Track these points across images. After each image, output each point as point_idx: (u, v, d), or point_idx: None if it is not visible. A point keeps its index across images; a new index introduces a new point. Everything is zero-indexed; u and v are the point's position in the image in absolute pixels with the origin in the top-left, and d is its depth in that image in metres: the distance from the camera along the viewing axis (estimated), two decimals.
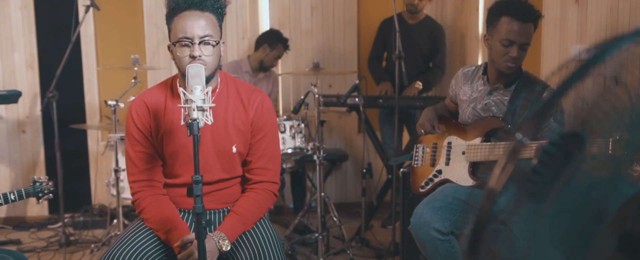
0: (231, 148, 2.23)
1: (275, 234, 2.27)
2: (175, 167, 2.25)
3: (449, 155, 2.78)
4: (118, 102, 3.35)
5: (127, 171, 2.27)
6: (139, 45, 4.82)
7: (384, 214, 4.70)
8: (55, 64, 4.62)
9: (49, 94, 3.99)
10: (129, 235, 2.19)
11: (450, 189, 2.64)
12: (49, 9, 4.72)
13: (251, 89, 2.30)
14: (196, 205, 1.89)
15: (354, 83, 3.92)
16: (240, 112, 2.25)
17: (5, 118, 4.77)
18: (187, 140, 2.21)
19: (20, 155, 4.81)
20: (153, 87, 2.30)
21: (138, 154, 2.22)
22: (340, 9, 4.92)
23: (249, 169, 2.29)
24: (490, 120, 2.66)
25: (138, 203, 2.23)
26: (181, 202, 2.28)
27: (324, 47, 4.93)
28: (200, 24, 2.09)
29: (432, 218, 2.48)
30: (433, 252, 2.51)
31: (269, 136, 2.28)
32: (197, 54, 2.07)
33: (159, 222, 2.18)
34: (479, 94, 2.73)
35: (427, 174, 2.84)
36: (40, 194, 2.57)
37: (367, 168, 4.08)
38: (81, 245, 4.25)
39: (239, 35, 4.86)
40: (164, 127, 2.21)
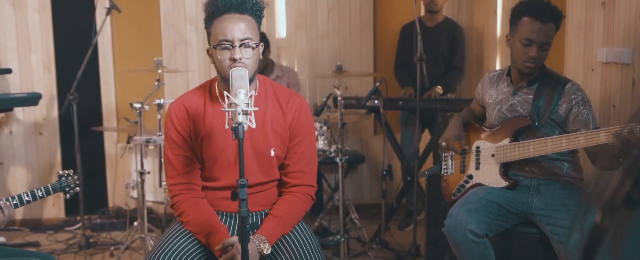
0: (269, 151, 2.24)
1: (314, 238, 2.28)
2: (214, 171, 2.26)
3: (478, 159, 2.79)
4: (143, 105, 3.35)
5: (166, 174, 2.27)
6: (156, 47, 4.82)
7: (400, 216, 4.70)
8: (72, 66, 4.63)
9: (69, 96, 3.99)
10: (169, 238, 2.20)
11: (483, 191, 2.65)
12: (67, 11, 4.72)
13: (290, 92, 2.31)
14: (242, 209, 1.90)
15: (375, 85, 3.93)
16: (278, 115, 2.26)
17: (22, 120, 4.77)
18: (226, 143, 2.22)
19: (37, 157, 4.81)
20: (191, 91, 2.31)
21: (177, 157, 2.23)
22: (356, 12, 4.92)
23: (287, 172, 2.30)
24: (517, 120, 2.67)
25: (177, 206, 2.24)
26: (219, 205, 2.29)
27: (340, 49, 4.94)
28: (240, 27, 2.10)
29: (468, 220, 2.49)
30: (467, 254, 2.52)
31: (307, 140, 2.29)
32: (237, 56, 2.09)
33: (198, 225, 2.19)
34: (504, 95, 2.74)
35: (458, 180, 2.85)
36: (67, 188, 2.56)
37: (387, 170, 4.08)
38: (100, 247, 4.25)
39: None
40: (203, 130, 2.22)
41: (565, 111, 2.57)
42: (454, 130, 2.84)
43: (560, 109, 2.58)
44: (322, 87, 4.94)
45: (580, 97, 2.56)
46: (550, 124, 2.60)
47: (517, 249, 2.65)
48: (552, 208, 2.54)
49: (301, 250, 2.18)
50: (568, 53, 3.38)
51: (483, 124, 2.88)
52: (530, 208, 2.60)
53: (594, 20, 3.12)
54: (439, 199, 3.34)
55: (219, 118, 2.22)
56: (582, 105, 2.55)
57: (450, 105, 4.02)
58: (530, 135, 2.65)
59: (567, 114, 2.57)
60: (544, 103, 2.60)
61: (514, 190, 2.66)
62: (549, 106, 2.58)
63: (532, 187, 2.65)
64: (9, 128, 4.76)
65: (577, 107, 2.55)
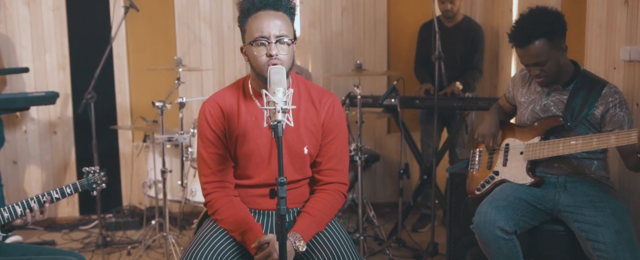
0: (303, 149, 2.24)
1: (348, 235, 2.28)
2: (247, 169, 2.26)
3: (506, 156, 2.79)
4: (165, 104, 3.35)
5: (200, 172, 2.28)
6: (171, 46, 4.82)
7: (414, 218, 4.70)
8: (86, 65, 4.65)
9: (87, 95, 3.99)
10: (205, 237, 2.20)
11: (510, 189, 2.65)
12: (81, 10, 4.72)
13: (322, 91, 2.31)
14: (281, 207, 1.89)
15: (392, 84, 3.93)
16: (311, 113, 2.26)
17: (36, 119, 4.76)
18: (260, 141, 2.22)
19: (52, 157, 4.81)
20: (224, 89, 2.31)
21: (211, 155, 2.23)
22: (370, 10, 4.93)
23: (319, 170, 2.30)
24: (550, 120, 2.67)
25: (211, 204, 2.24)
26: (252, 203, 2.29)
27: (354, 48, 4.95)
28: (276, 24, 2.11)
29: (497, 217, 2.49)
30: (496, 252, 2.52)
31: (340, 138, 2.30)
32: (274, 52, 2.09)
33: (233, 223, 2.19)
34: (537, 95, 2.75)
35: (484, 176, 2.86)
36: (94, 185, 2.55)
37: (404, 169, 4.09)
38: (117, 246, 4.25)
39: None
40: (238, 128, 2.22)
41: (601, 113, 2.58)
42: (491, 127, 2.85)
43: (596, 110, 2.58)
44: (337, 85, 4.94)
45: (618, 99, 2.56)
46: (584, 124, 2.61)
47: (544, 246, 2.65)
48: (579, 205, 2.54)
49: (336, 248, 2.18)
50: (589, 52, 3.39)
51: (514, 122, 2.88)
52: (558, 205, 2.60)
53: (616, 19, 3.12)
54: (460, 197, 3.35)
55: (252, 116, 2.23)
56: (619, 107, 2.55)
57: (468, 103, 4.03)
58: (561, 135, 2.65)
59: (603, 115, 2.57)
60: (580, 104, 2.60)
61: (540, 187, 2.66)
62: (583, 107, 2.58)
63: (559, 184, 2.65)
64: (23, 127, 4.76)
65: (613, 109, 2.55)
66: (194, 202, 3.97)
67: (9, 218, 2.28)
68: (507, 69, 4.53)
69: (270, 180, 2.24)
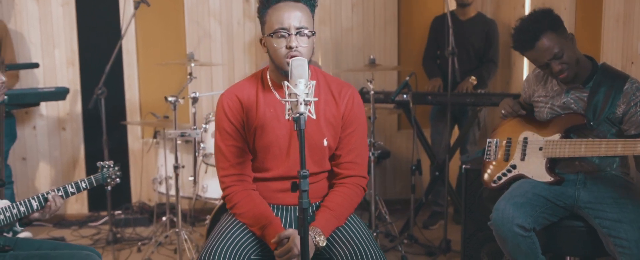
0: (322, 142, 2.21)
1: (368, 230, 2.26)
2: (266, 161, 2.23)
3: (524, 150, 2.76)
4: (178, 99, 3.33)
5: (218, 165, 2.25)
6: (180, 42, 4.79)
7: (424, 215, 4.67)
8: (96, 61, 4.62)
9: (97, 90, 3.97)
10: (224, 231, 2.18)
11: (528, 185, 2.62)
12: (91, 6, 4.70)
13: (341, 83, 2.29)
14: (303, 200, 1.87)
15: (405, 80, 3.90)
16: (331, 105, 2.23)
17: (45, 115, 4.74)
18: (279, 133, 2.20)
19: (61, 153, 4.79)
20: (242, 81, 2.29)
21: (230, 148, 2.21)
22: (380, 7, 4.90)
23: (338, 163, 2.28)
24: (571, 117, 2.63)
25: (229, 198, 2.22)
26: (271, 197, 2.26)
27: (364, 44, 4.92)
28: (296, 15, 2.09)
29: (515, 214, 2.46)
30: (514, 248, 2.49)
31: (359, 130, 2.27)
32: (294, 44, 2.07)
33: (253, 217, 2.17)
34: (555, 92, 2.71)
35: (501, 168, 2.82)
36: (108, 180, 2.53)
37: (416, 165, 4.05)
38: (127, 242, 4.22)
39: None
40: (256, 120, 2.19)
41: (623, 112, 2.54)
42: (509, 102, 2.85)
43: (618, 109, 2.55)
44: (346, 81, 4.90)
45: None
46: (606, 122, 2.57)
47: (563, 242, 2.62)
48: (600, 201, 2.51)
49: (357, 242, 2.15)
50: (605, 46, 3.36)
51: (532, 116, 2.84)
52: (578, 201, 2.57)
53: (635, 12, 3.09)
54: (475, 193, 3.32)
55: (271, 108, 2.20)
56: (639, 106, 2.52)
57: (480, 99, 3.99)
58: (583, 132, 2.61)
59: (624, 114, 2.54)
60: (601, 102, 2.55)
61: (560, 185, 2.63)
62: (605, 105, 2.54)
63: (578, 181, 2.62)
64: (32, 123, 4.74)
65: (634, 108, 2.51)
66: (206, 198, 3.95)
67: (25, 212, 2.27)
68: (519, 65, 4.49)
69: (289, 173, 2.22)
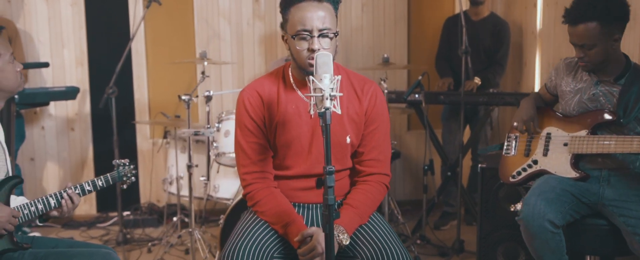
0: (345, 138, 2.19)
1: (391, 228, 2.23)
2: (286, 158, 2.21)
3: (547, 145, 2.72)
4: (191, 97, 3.30)
5: (239, 162, 2.22)
6: (189, 42, 4.77)
7: (435, 215, 4.64)
8: (105, 60, 4.60)
9: (108, 89, 3.95)
10: (247, 229, 2.15)
11: (555, 181, 2.58)
12: (100, 5, 4.67)
13: (363, 79, 2.26)
14: (329, 197, 1.84)
15: (417, 79, 3.87)
16: (354, 102, 2.21)
17: (54, 115, 4.72)
18: (301, 130, 2.17)
19: (69, 154, 4.76)
20: (263, 77, 2.26)
21: (251, 145, 2.18)
22: (390, 6, 4.88)
23: (361, 160, 2.25)
24: (599, 113, 2.59)
25: (251, 195, 2.19)
26: (291, 195, 2.24)
27: (374, 44, 4.89)
28: (319, 16, 2.06)
29: (547, 209, 2.43)
30: (542, 245, 2.45)
31: (382, 127, 2.25)
32: (316, 46, 2.04)
33: (275, 215, 2.14)
34: (585, 84, 2.65)
35: (520, 163, 2.79)
36: (124, 178, 2.51)
37: (428, 165, 4.03)
38: (137, 243, 4.20)
39: None
40: (278, 117, 2.17)
41: None
42: (529, 111, 2.75)
43: None
44: None
45: None
46: (634, 121, 2.54)
47: (586, 240, 2.58)
48: (625, 199, 2.48)
49: (381, 240, 2.12)
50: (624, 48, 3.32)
51: (556, 110, 2.81)
52: (602, 198, 2.54)
53: None
54: (491, 191, 3.29)
55: (293, 104, 2.18)
56: None
57: (493, 99, 3.97)
58: (611, 129, 2.58)
59: None
60: (633, 100, 2.51)
61: (585, 182, 2.60)
62: (637, 103, 2.50)
63: (602, 178, 2.59)
64: (41, 124, 4.71)
65: None
66: (217, 198, 3.92)
67: (43, 209, 2.26)
68: (530, 65, 4.47)
69: (310, 171, 2.19)
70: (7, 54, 2.18)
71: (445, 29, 4.54)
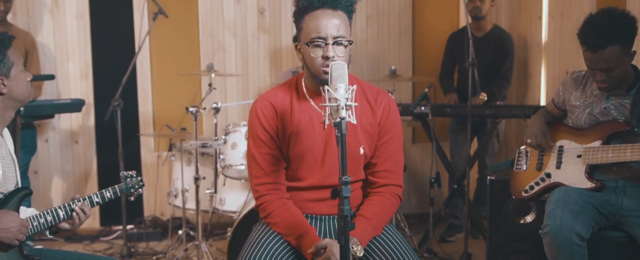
0: (359, 150, 2.17)
1: (405, 240, 2.21)
2: (299, 170, 2.19)
3: (560, 158, 2.70)
4: (199, 109, 3.29)
5: (251, 173, 2.20)
6: (194, 55, 4.77)
7: (441, 228, 4.61)
8: (109, 73, 4.60)
9: (114, 102, 3.94)
10: (259, 240, 2.13)
11: (575, 192, 2.55)
12: (105, 18, 4.68)
13: (377, 90, 2.26)
14: (344, 207, 1.82)
15: (423, 91, 3.87)
16: (367, 113, 2.20)
17: (58, 128, 4.70)
18: (314, 141, 2.16)
19: (73, 167, 4.74)
20: (276, 88, 2.25)
21: (263, 156, 2.16)
22: (395, 19, 4.89)
23: (374, 171, 2.23)
24: (613, 124, 2.58)
25: (264, 207, 2.17)
26: (304, 207, 2.21)
27: (379, 57, 4.90)
28: (333, 24, 2.05)
29: (574, 222, 2.40)
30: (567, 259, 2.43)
31: (395, 139, 2.23)
32: (331, 54, 2.04)
33: (288, 226, 2.12)
34: (595, 98, 2.65)
35: (532, 177, 2.77)
36: (132, 190, 2.49)
37: (435, 177, 4.01)
38: (141, 257, 4.16)
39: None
40: (291, 128, 2.15)
41: None
42: (540, 126, 2.75)
43: None
44: None
45: None
46: None
47: (604, 253, 2.55)
48: None
49: (395, 252, 2.10)
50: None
51: (567, 123, 2.80)
52: (621, 209, 2.52)
53: None
54: (500, 204, 3.26)
55: (306, 115, 2.16)
56: None
57: (500, 111, 3.95)
58: (625, 139, 2.56)
59: None
60: None
61: (601, 192, 2.58)
62: None
63: (618, 188, 2.57)
64: (45, 136, 4.69)
65: None
66: (223, 211, 3.89)
67: (52, 221, 2.23)
68: (536, 78, 4.47)
69: (323, 182, 2.17)
70: (19, 63, 2.18)
71: (448, 45, 4.55)
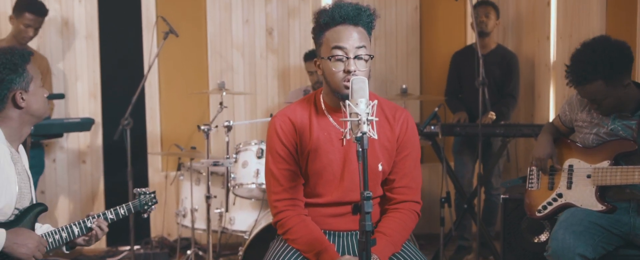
0: (377, 166, 2.16)
1: (424, 257, 2.19)
2: (317, 186, 2.18)
3: (570, 178, 2.70)
4: (211, 127, 3.28)
5: (270, 190, 2.19)
6: (203, 74, 4.78)
7: (450, 251, 4.57)
8: (118, 93, 4.60)
9: (123, 121, 3.93)
10: (278, 257, 2.11)
11: (582, 213, 2.54)
12: (114, 38, 4.70)
13: (395, 106, 2.26)
14: (366, 223, 1.81)
15: (433, 111, 3.86)
16: (386, 129, 2.19)
17: (65, 148, 4.69)
18: (333, 157, 2.15)
19: (80, 187, 4.72)
20: (294, 104, 2.25)
21: (282, 172, 2.15)
22: (403, 39, 4.91)
23: (392, 187, 2.22)
24: (621, 143, 2.57)
25: (282, 223, 2.15)
26: (322, 222, 2.20)
27: (386, 77, 4.91)
28: (354, 38, 2.06)
29: (576, 243, 2.39)
30: None
31: (413, 155, 2.23)
32: (352, 68, 2.04)
33: (307, 243, 2.10)
34: (600, 119, 2.65)
35: (545, 197, 2.76)
36: (145, 207, 2.48)
37: (445, 197, 3.98)
38: None
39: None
40: (310, 144, 2.15)
41: None
42: (546, 149, 2.74)
43: None
44: None
45: None
46: None
47: None
48: None
49: None
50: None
51: (576, 141, 2.79)
52: (635, 229, 2.50)
53: None
54: (513, 223, 3.25)
55: (325, 131, 2.16)
56: None
57: (510, 130, 3.94)
58: (632, 160, 2.56)
59: None
60: None
61: (612, 214, 2.56)
62: None
63: (631, 208, 2.56)
64: (52, 156, 4.68)
65: None
66: (233, 230, 3.86)
67: (67, 238, 2.22)
68: (544, 98, 4.48)
69: (342, 199, 2.16)
70: (38, 79, 2.18)
71: (453, 64, 4.55)
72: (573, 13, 4.01)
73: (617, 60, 2.48)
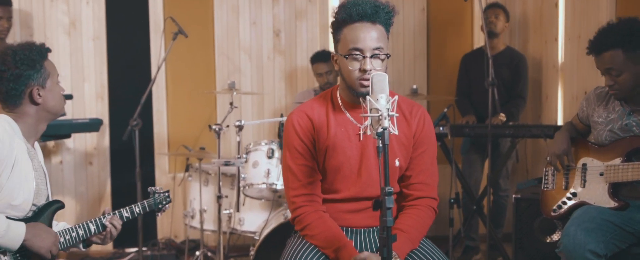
0: (394, 162, 2.16)
1: (442, 253, 2.18)
2: (335, 182, 2.17)
3: (584, 177, 2.69)
4: (222, 127, 3.28)
5: (288, 185, 2.18)
6: (210, 76, 4.78)
7: (457, 252, 4.56)
8: (125, 94, 4.59)
9: (132, 122, 3.93)
10: (296, 253, 2.11)
11: (595, 211, 2.54)
12: (122, 39, 4.69)
13: (411, 102, 2.25)
14: (387, 219, 1.80)
15: (443, 111, 3.86)
16: (402, 125, 2.19)
17: (72, 149, 4.68)
18: (350, 154, 2.15)
19: (87, 188, 4.71)
20: (312, 100, 2.25)
21: (300, 167, 2.15)
22: (410, 42, 4.91)
23: (409, 184, 2.22)
24: (633, 140, 2.57)
25: (300, 219, 2.15)
26: (340, 219, 2.19)
27: (394, 79, 4.90)
28: (372, 37, 2.06)
29: (587, 239, 2.38)
30: None
31: (430, 151, 2.22)
32: (368, 67, 2.04)
33: (325, 239, 2.09)
34: (616, 114, 2.65)
35: (560, 196, 2.76)
36: (160, 205, 2.48)
37: (454, 198, 3.97)
38: None
39: None
40: (328, 140, 2.14)
41: None
42: (562, 145, 2.74)
43: None
44: None
45: None
46: None
47: None
48: None
49: None
50: None
51: (589, 140, 2.79)
52: None
53: None
54: (526, 223, 3.24)
55: (342, 127, 2.16)
56: None
57: (519, 131, 3.94)
58: None
59: None
60: None
61: (624, 211, 2.56)
62: None
63: None
64: (59, 158, 4.67)
65: None
66: (242, 231, 3.85)
67: (84, 235, 2.22)
68: (552, 99, 4.48)
69: (360, 194, 2.16)
70: (55, 75, 2.18)
71: (463, 66, 4.56)
72: (582, 14, 4.01)
73: (639, 32, 2.51)
